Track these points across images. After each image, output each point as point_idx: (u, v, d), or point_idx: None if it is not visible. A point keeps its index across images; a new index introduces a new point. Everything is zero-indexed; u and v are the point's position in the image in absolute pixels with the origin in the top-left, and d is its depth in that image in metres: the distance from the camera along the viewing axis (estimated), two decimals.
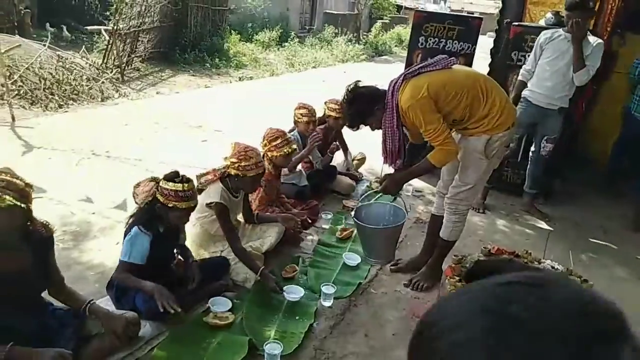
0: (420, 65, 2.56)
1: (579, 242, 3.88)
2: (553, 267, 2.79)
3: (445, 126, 2.45)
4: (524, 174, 4.41)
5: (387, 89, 2.62)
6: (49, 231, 1.98)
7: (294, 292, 2.65)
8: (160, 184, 2.30)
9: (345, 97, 2.72)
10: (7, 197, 1.71)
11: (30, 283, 1.91)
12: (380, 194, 2.82)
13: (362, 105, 2.65)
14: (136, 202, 2.37)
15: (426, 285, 2.95)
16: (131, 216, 2.41)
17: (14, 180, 1.78)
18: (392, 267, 3.13)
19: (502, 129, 2.56)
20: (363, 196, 2.90)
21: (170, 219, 2.36)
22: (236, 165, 2.78)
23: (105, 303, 2.43)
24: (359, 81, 2.74)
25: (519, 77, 3.97)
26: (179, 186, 2.27)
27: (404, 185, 3.02)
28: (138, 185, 2.37)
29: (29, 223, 1.88)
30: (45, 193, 3.62)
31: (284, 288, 2.67)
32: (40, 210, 2.57)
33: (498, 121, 2.53)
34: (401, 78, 2.56)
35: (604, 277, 3.26)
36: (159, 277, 2.36)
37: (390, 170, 2.98)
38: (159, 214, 2.34)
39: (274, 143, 3.25)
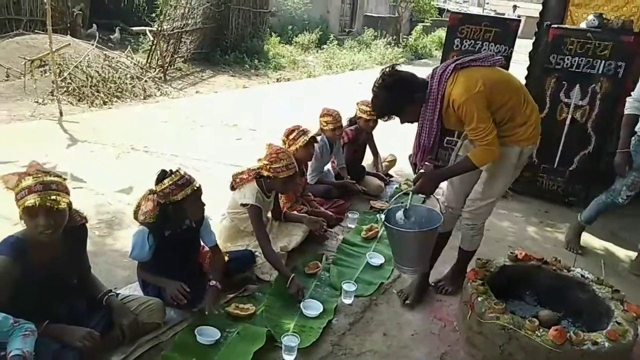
0: (470, 57, 2.36)
1: (614, 252, 3.74)
2: (583, 276, 2.71)
3: (494, 125, 2.28)
4: (560, 181, 4.28)
5: (431, 76, 2.37)
6: (82, 219, 2.09)
7: (312, 308, 2.59)
8: (158, 189, 2.31)
9: (382, 81, 2.36)
10: (63, 199, 1.83)
11: (64, 269, 2.02)
12: (410, 195, 2.55)
13: (401, 92, 2.35)
14: (139, 221, 2.38)
15: (451, 289, 2.92)
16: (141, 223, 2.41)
17: (58, 179, 1.87)
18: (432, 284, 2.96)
19: (532, 141, 2.47)
20: (394, 198, 2.68)
21: (189, 212, 2.38)
22: (268, 167, 2.83)
23: (135, 288, 2.56)
24: (396, 64, 2.44)
25: (628, 111, 3.27)
26: (174, 178, 2.28)
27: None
28: (139, 206, 2.37)
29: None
30: (85, 184, 3.81)
31: (303, 302, 2.61)
32: (80, 200, 2.73)
33: (532, 133, 2.43)
34: (450, 68, 2.31)
35: (638, 289, 3.12)
36: (181, 270, 2.45)
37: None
38: (173, 215, 2.35)
39: (290, 137, 3.28)
